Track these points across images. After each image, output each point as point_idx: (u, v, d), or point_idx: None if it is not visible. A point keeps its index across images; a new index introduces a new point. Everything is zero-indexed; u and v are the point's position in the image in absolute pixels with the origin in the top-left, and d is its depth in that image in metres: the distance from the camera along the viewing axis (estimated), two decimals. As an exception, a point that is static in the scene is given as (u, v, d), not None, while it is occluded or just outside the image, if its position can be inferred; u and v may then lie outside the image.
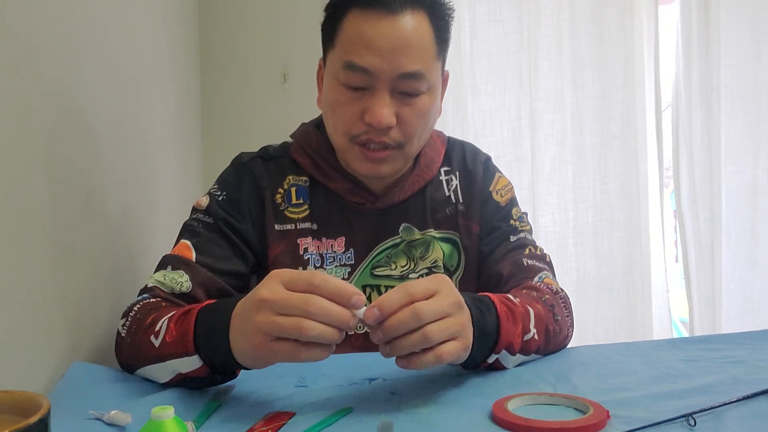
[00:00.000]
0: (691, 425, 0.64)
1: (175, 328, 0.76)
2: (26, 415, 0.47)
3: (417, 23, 0.90)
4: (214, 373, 0.76)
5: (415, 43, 0.90)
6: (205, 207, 0.98)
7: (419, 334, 0.67)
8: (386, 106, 0.90)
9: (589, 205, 2.16)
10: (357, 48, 0.89)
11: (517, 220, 1.06)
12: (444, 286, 0.71)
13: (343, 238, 1.00)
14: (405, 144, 0.94)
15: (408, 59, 0.89)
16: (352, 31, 0.90)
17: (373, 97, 0.90)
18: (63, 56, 0.90)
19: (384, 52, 0.88)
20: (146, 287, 0.90)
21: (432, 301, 0.69)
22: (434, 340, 0.68)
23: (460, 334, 0.71)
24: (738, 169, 2.04)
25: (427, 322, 0.67)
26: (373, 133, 0.92)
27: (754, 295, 2.03)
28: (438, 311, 0.68)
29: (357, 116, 0.92)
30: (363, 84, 0.90)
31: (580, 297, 2.17)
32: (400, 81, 0.90)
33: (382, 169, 0.96)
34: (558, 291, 0.96)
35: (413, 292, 0.68)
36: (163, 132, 1.55)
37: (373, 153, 0.93)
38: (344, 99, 0.92)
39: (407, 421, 0.67)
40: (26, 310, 0.77)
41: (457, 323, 0.70)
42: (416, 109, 0.93)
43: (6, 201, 0.72)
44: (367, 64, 0.89)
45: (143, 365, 0.80)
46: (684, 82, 2.05)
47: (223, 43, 2.12)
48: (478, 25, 2.13)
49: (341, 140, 0.95)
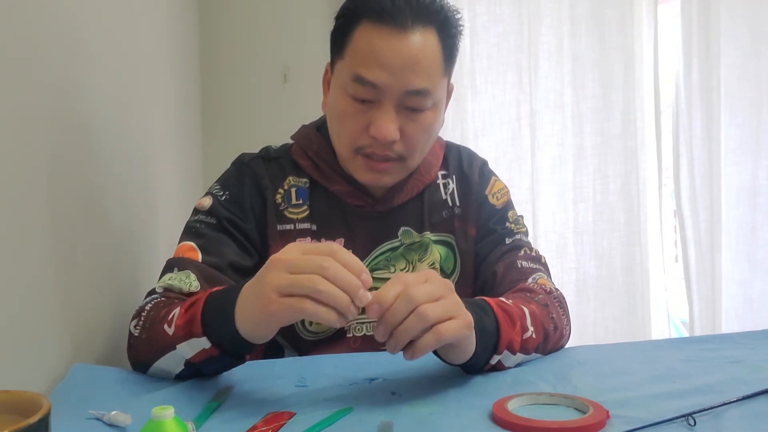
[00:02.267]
0: (690, 425, 0.64)
1: (185, 313, 0.77)
2: (26, 415, 0.47)
3: (426, 40, 0.91)
4: (224, 355, 0.76)
5: (424, 60, 0.90)
6: (208, 208, 0.98)
7: (414, 314, 0.68)
8: (392, 122, 0.91)
9: (589, 205, 2.17)
10: (366, 62, 0.90)
11: (513, 223, 1.07)
12: (433, 275, 0.73)
13: (343, 239, 1.01)
14: (407, 157, 0.96)
15: (416, 77, 0.90)
16: (363, 45, 0.91)
17: (378, 110, 0.91)
18: (63, 56, 0.90)
19: (393, 68, 0.89)
20: (154, 290, 0.91)
21: (423, 284, 0.70)
22: (430, 318, 0.68)
23: (456, 313, 0.71)
24: (738, 169, 2.04)
25: (420, 303, 0.68)
26: (376, 146, 0.93)
27: (754, 295, 2.03)
28: (429, 292, 0.70)
29: (362, 129, 0.93)
30: (370, 97, 0.91)
31: (580, 297, 2.17)
32: (406, 97, 0.91)
33: (384, 180, 0.98)
34: (552, 291, 0.97)
35: (406, 280, 0.70)
36: (164, 132, 1.55)
37: (375, 164, 0.95)
38: (351, 111, 0.93)
39: (407, 421, 0.67)
40: (27, 311, 0.77)
41: (451, 302, 0.71)
42: (420, 125, 0.94)
43: (6, 201, 0.72)
44: (376, 79, 0.90)
45: (157, 358, 0.80)
46: (684, 82, 2.05)
47: (224, 43, 2.12)
48: (478, 25, 2.13)
49: (345, 150, 0.97)
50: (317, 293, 0.66)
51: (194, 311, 0.76)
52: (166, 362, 0.79)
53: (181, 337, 0.76)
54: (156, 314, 0.83)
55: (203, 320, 0.75)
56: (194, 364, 0.78)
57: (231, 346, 0.75)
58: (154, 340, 0.80)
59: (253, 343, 0.74)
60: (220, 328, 0.74)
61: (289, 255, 0.69)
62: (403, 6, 0.89)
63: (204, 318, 0.75)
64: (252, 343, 0.74)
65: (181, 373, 0.80)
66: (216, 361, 0.77)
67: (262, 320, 0.71)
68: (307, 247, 0.70)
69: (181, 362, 0.78)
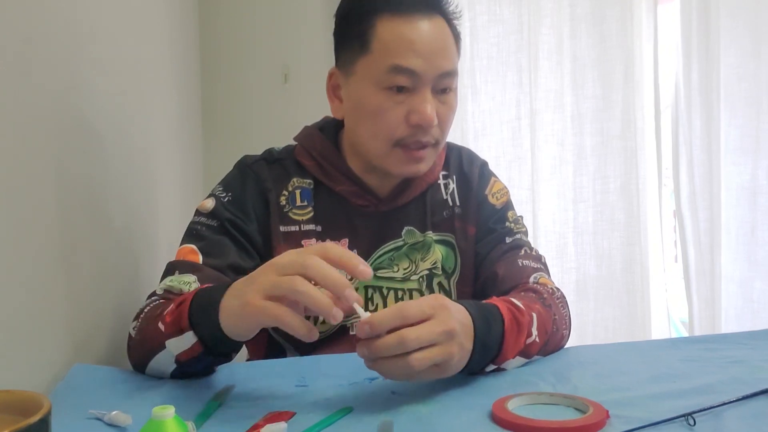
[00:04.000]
0: (690, 425, 0.64)
1: (176, 309, 0.77)
2: (27, 415, 0.47)
3: (442, 25, 0.95)
4: (207, 353, 0.76)
5: (448, 43, 0.95)
6: (210, 210, 0.98)
7: (402, 359, 0.68)
8: (431, 106, 0.93)
9: (589, 205, 2.17)
10: (400, 50, 0.92)
11: (513, 222, 1.07)
12: (440, 312, 0.71)
13: (347, 239, 1.01)
14: (440, 141, 0.98)
15: (445, 59, 0.94)
16: (392, 35, 0.92)
17: (418, 97, 0.93)
18: (64, 58, 0.90)
19: (426, 53, 0.92)
20: (155, 293, 0.91)
21: (421, 327, 0.68)
22: (415, 371, 0.68)
23: (445, 363, 0.71)
24: (738, 169, 2.04)
25: (411, 349, 0.67)
26: (419, 134, 0.94)
27: (754, 295, 2.03)
28: (425, 339, 0.68)
29: (401, 119, 0.94)
30: (407, 85, 0.93)
31: (580, 297, 2.17)
32: (439, 80, 0.94)
33: (420, 168, 0.98)
34: (554, 291, 0.97)
35: (406, 315, 0.69)
36: (164, 132, 1.55)
37: (414, 153, 0.96)
38: (388, 104, 0.94)
39: (407, 421, 0.67)
40: (28, 311, 0.77)
41: (443, 353, 0.70)
42: (449, 106, 0.97)
43: (7, 202, 0.72)
44: (414, 66, 0.92)
45: (151, 357, 0.80)
46: (684, 82, 2.05)
47: (224, 43, 2.12)
48: (478, 25, 2.13)
49: (383, 145, 0.96)
50: (296, 294, 0.65)
51: (183, 307, 0.76)
52: (159, 361, 0.79)
53: (171, 333, 0.76)
54: (152, 314, 0.83)
55: (191, 313, 0.75)
56: (182, 363, 0.78)
57: (213, 342, 0.75)
58: (148, 338, 0.81)
59: (235, 340, 0.74)
60: (205, 322, 0.74)
61: (282, 257, 0.69)
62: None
63: (191, 311, 0.75)
64: (234, 340, 0.74)
65: (174, 373, 0.79)
66: (200, 360, 0.77)
67: (241, 319, 0.70)
68: (302, 249, 0.70)
69: (171, 359, 0.78)
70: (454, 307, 0.74)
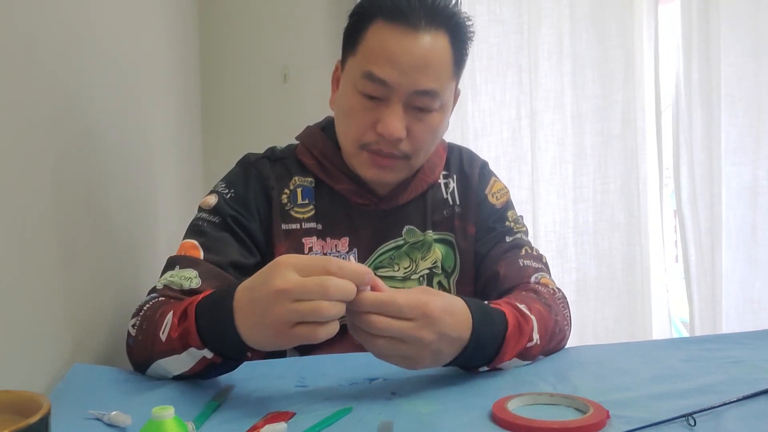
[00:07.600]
0: (691, 425, 0.64)
1: (178, 324, 0.76)
2: (27, 415, 0.47)
3: (438, 43, 0.92)
4: (227, 360, 0.76)
5: (434, 62, 0.92)
6: (213, 206, 0.99)
7: (371, 341, 0.71)
8: (399, 120, 0.92)
9: (589, 205, 2.17)
10: (378, 59, 0.91)
11: (513, 222, 1.07)
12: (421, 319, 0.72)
13: (347, 238, 1.01)
14: (412, 157, 0.97)
15: (425, 77, 0.91)
16: (376, 42, 0.92)
17: (387, 108, 0.92)
18: (63, 56, 0.90)
19: (403, 67, 0.90)
20: (155, 288, 0.91)
21: (395, 322, 0.71)
22: (379, 354, 0.73)
23: (410, 360, 0.73)
24: (738, 169, 2.04)
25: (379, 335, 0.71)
26: (383, 143, 0.94)
27: (754, 295, 2.03)
28: (395, 332, 0.71)
29: (369, 125, 0.94)
30: (379, 95, 0.92)
31: (580, 297, 2.17)
32: (414, 96, 0.92)
33: (387, 176, 0.98)
34: (555, 291, 0.97)
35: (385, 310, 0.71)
36: (164, 131, 1.55)
37: (380, 159, 0.96)
38: (359, 107, 0.94)
39: (407, 421, 0.67)
40: (28, 311, 0.77)
41: (412, 352, 0.72)
42: (427, 125, 0.95)
43: (7, 201, 0.72)
44: (386, 77, 0.91)
45: (154, 360, 0.79)
46: (684, 82, 2.05)
47: (224, 42, 2.12)
48: (478, 25, 2.11)
49: (351, 145, 0.97)
50: (324, 317, 0.66)
51: (187, 325, 0.75)
52: (163, 366, 0.78)
53: (179, 349, 0.75)
54: (152, 315, 0.82)
55: (201, 334, 0.73)
56: (197, 372, 0.77)
57: (235, 352, 0.75)
58: (149, 344, 0.80)
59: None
60: (224, 342, 0.73)
61: (287, 281, 0.66)
62: (418, 7, 0.91)
63: (201, 331, 0.74)
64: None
65: (180, 375, 0.79)
66: (220, 366, 0.77)
67: (276, 346, 0.72)
68: (303, 264, 0.68)
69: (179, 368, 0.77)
70: (447, 309, 0.74)
